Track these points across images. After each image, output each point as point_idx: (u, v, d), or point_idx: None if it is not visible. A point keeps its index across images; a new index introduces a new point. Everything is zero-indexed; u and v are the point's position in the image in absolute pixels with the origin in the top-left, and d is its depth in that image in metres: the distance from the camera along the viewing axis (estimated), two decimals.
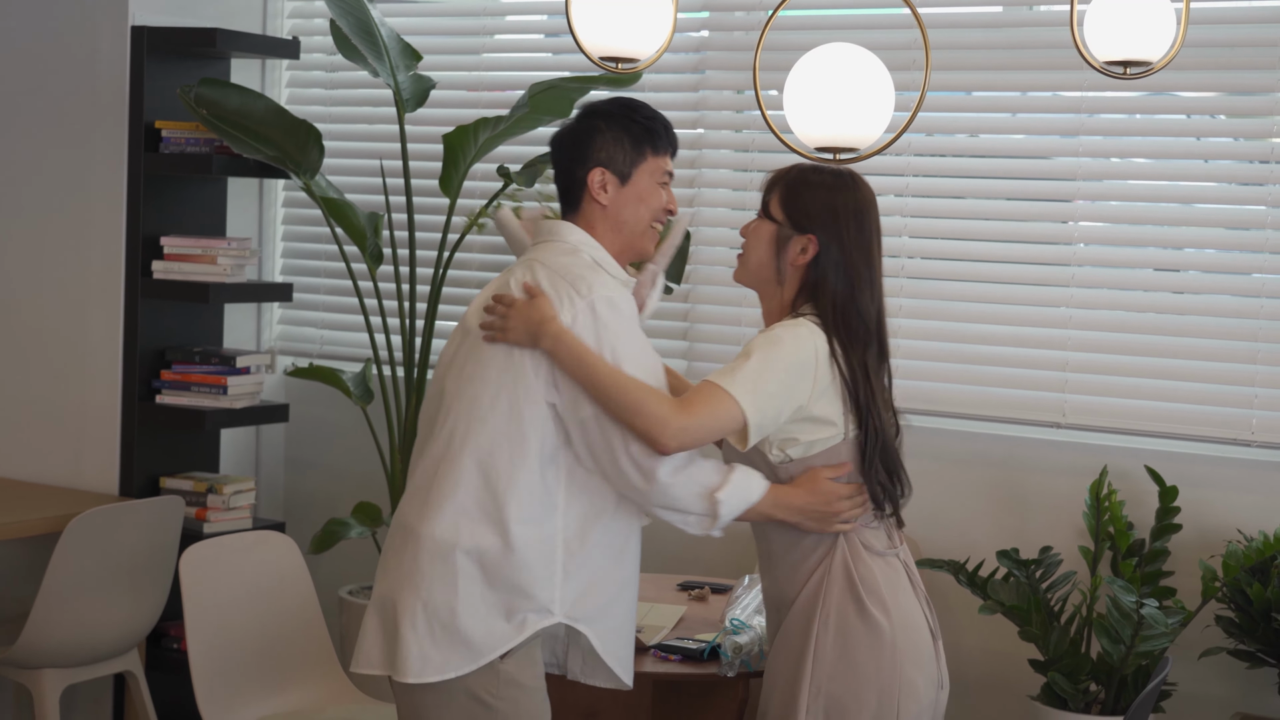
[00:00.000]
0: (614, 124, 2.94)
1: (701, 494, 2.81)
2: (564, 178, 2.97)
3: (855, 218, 2.87)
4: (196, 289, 4.80)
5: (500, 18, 5.22)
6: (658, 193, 2.96)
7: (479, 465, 2.82)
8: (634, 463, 2.78)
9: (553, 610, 2.82)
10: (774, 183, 2.94)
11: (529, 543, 2.80)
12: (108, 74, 4.86)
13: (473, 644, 2.79)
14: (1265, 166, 4.17)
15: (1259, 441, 4.14)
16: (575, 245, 2.92)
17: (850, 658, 2.80)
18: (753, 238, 2.94)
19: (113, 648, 4.37)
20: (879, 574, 2.85)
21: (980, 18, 4.53)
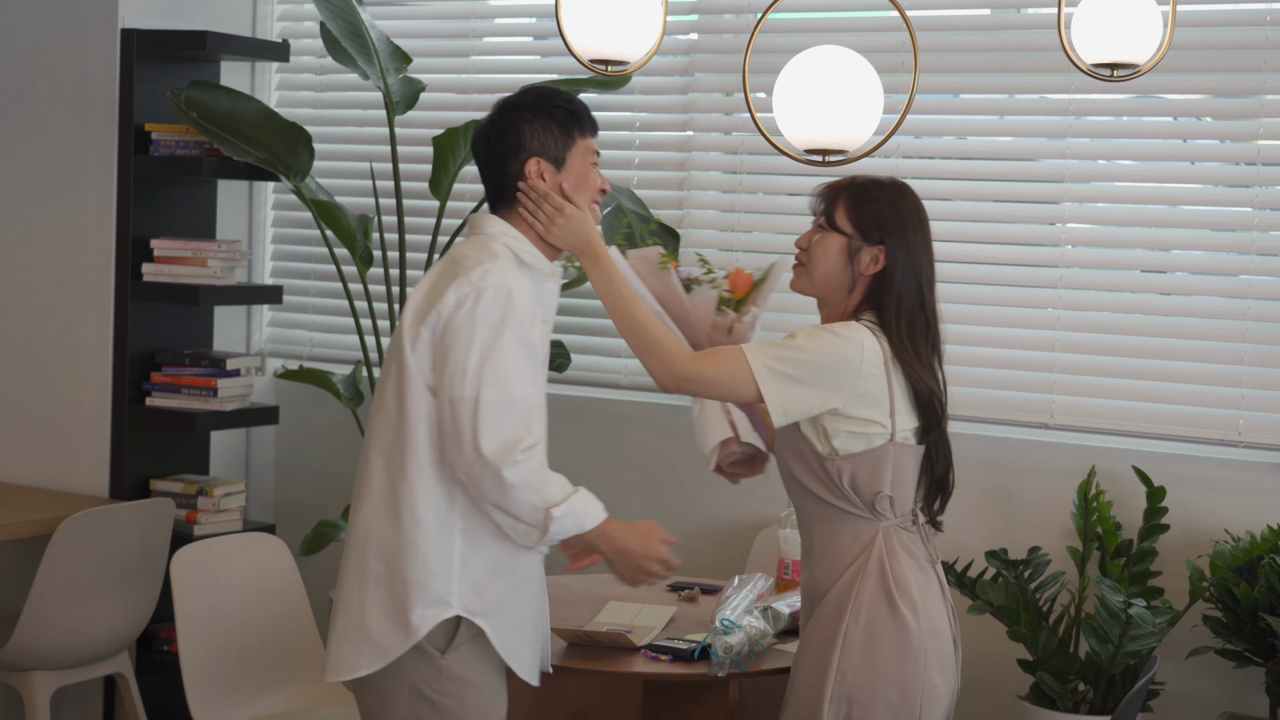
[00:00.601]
0: (539, 113, 2.97)
1: (539, 506, 2.81)
2: (495, 173, 2.99)
3: (919, 224, 3.00)
4: (186, 291, 4.81)
5: (489, 20, 5.23)
6: (591, 174, 3.01)
7: (384, 460, 2.88)
8: (480, 456, 2.77)
9: (450, 603, 2.84)
10: (835, 195, 3.01)
11: (425, 534, 2.83)
12: (97, 77, 4.86)
13: (379, 642, 2.84)
14: (1251, 168, 4.19)
15: (1246, 442, 4.15)
16: (492, 235, 2.94)
17: (876, 653, 2.89)
18: (819, 249, 2.99)
19: (103, 650, 4.37)
20: (911, 577, 2.93)
21: (968, 20, 4.54)
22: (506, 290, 2.83)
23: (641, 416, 4.84)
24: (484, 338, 2.80)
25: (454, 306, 2.82)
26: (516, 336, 2.83)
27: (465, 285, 2.83)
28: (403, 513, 2.84)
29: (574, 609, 3.70)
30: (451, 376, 2.80)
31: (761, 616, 3.49)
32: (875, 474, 2.91)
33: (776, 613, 3.55)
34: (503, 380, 2.79)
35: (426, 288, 2.91)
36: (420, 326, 2.84)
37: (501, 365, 2.80)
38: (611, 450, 4.91)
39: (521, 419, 2.81)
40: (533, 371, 2.87)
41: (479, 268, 2.84)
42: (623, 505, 4.85)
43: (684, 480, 4.79)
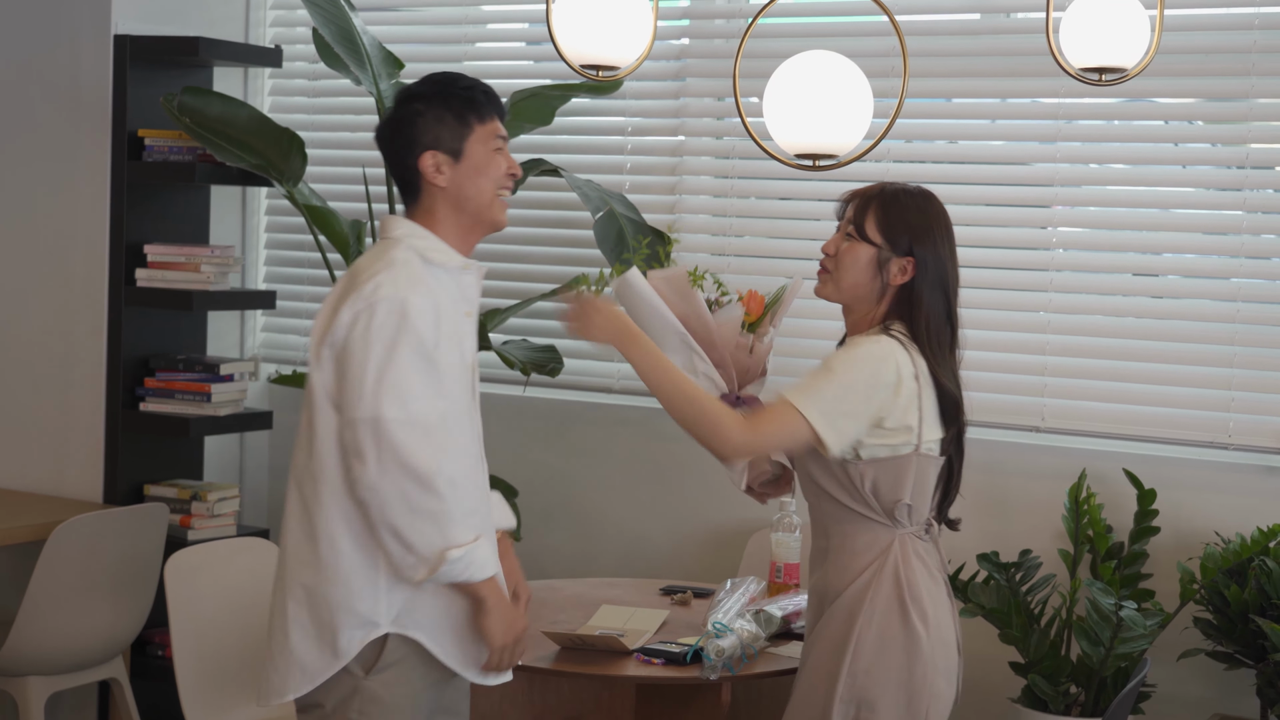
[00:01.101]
0: (433, 103, 2.89)
1: (437, 545, 2.73)
2: (397, 169, 2.92)
3: (946, 234, 3.01)
4: (180, 297, 4.81)
5: (481, 26, 5.24)
6: (495, 160, 2.90)
7: (298, 483, 2.84)
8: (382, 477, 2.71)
9: (378, 622, 2.79)
10: (865, 205, 3.00)
11: (344, 558, 2.77)
12: (90, 83, 4.87)
13: (305, 666, 2.81)
14: (1241, 172, 4.21)
15: (1236, 444, 4.17)
16: (398, 238, 2.87)
17: (887, 658, 2.91)
18: (848, 259, 2.98)
19: (97, 655, 4.37)
20: (924, 585, 2.96)
21: (958, 25, 4.56)
22: (400, 303, 2.74)
23: (634, 420, 4.85)
24: (379, 355, 2.72)
25: (349, 324, 2.75)
26: (414, 350, 2.74)
27: (359, 301, 2.75)
28: (320, 537, 2.79)
29: (566, 613, 3.71)
30: (349, 396, 2.73)
31: (754, 620, 3.50)
32: (897, 482, 2.93)
33: (769, 616, 3.56)
34: (402, 397, 2.71)
35: (330, 302, 2.84)
36: (321, 346, 2.79)
37: (399, 382, 2.72)
38: (604, 454, 4.92)
39: (423, 436, 2.73)
40: (435, 384, 2.77)
41: (371, 281, 2.76)
42: (616, 509, 4.89)
43: (677, 484, 4.80)
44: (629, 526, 4.87)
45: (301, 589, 2.82)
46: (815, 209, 4.70)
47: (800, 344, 4.59)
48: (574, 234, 4.91)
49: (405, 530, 2.73)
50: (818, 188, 4.63)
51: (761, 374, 3.26)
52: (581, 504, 4.94)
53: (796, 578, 3.86)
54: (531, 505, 4.93)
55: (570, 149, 5.01)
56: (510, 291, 5.01)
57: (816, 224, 4.71)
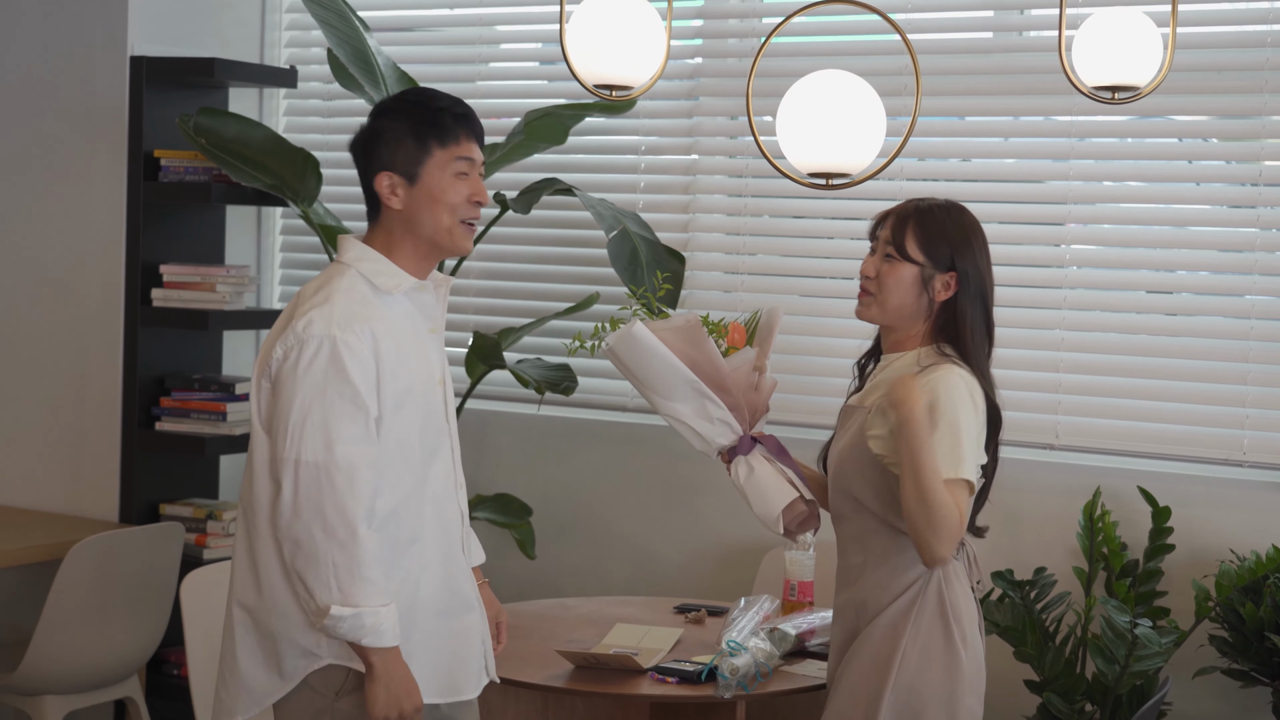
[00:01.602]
0: (398, 120, 2.81)
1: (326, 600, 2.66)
2: (363, 183, 2.88)
3: (983, 244, 3.03)
4: (196, 316, 4.83)
5: (495, 46, 5.26)
6: (455, 186, 2.81)
7: (244, 512, 2.82)
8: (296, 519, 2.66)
9: (319, 654, 2.77)
10: (901, 224, 3.00)
11: (281, 589, 2.75)
12: (107, 104, 4.90)
13: (252, 690, 2.81)
14: (1255, 189, 4.21)
15: (1250, 461, 4.16)
16: (349, 262, 2.82)
17: (930, 676, 2.94)
18: (891, 280, 2.99)
19: (113, 674, 4.38)
20: (963, 605, 2.99)
21: (971, 44, 4.57)
22: (330, 342, 2.69)
23: (648, 439, 4.86)
24: (305, 395, 2.67)
25: (280, 360, 2.72)
26: (340, 392, 2.68)
27: (290, 337, 2.71)
28: (259, 567, 2.77)
29: (580, 631, 3.71)
30: (277, 435, 2.70)
31: (768, 638, 3.50)
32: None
33: (783, 634, 3.55)
34: (325, 440, 2.67)
35: (274, 330, 2.81)
36: (261, 376, 2.77)
37: (323, 424, 2.67)
38: (618, 472, 4.92)
39: (344, 483, 2.67)
40: (363, 426, 2.71)
41: (304, 317, 2.71)
42: (630, 527, 4.89)
43: (690, 502, 4.80)
44: (642, 544, 4.87)
45: (246, 613, 2.81)
46: (829, 228, 4.71)
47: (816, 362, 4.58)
48: (588, 253, 4.92)
49: (306, 576, 2.69)
50: (832, 206, 4.64)
51: (764, 410, 3.25)
52: (595, 522, 4.95)
53: (811, 596, 3.86)
54: (545, 523, 4.93)
55: (584, 168, 5.03)
56: (524, 310, 5.02)
57: (830, 242, 4.72)
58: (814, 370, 4.59)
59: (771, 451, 3.20)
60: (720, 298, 4.77)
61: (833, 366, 4.60)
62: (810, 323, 4.66)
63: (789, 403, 4.54)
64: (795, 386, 4.59)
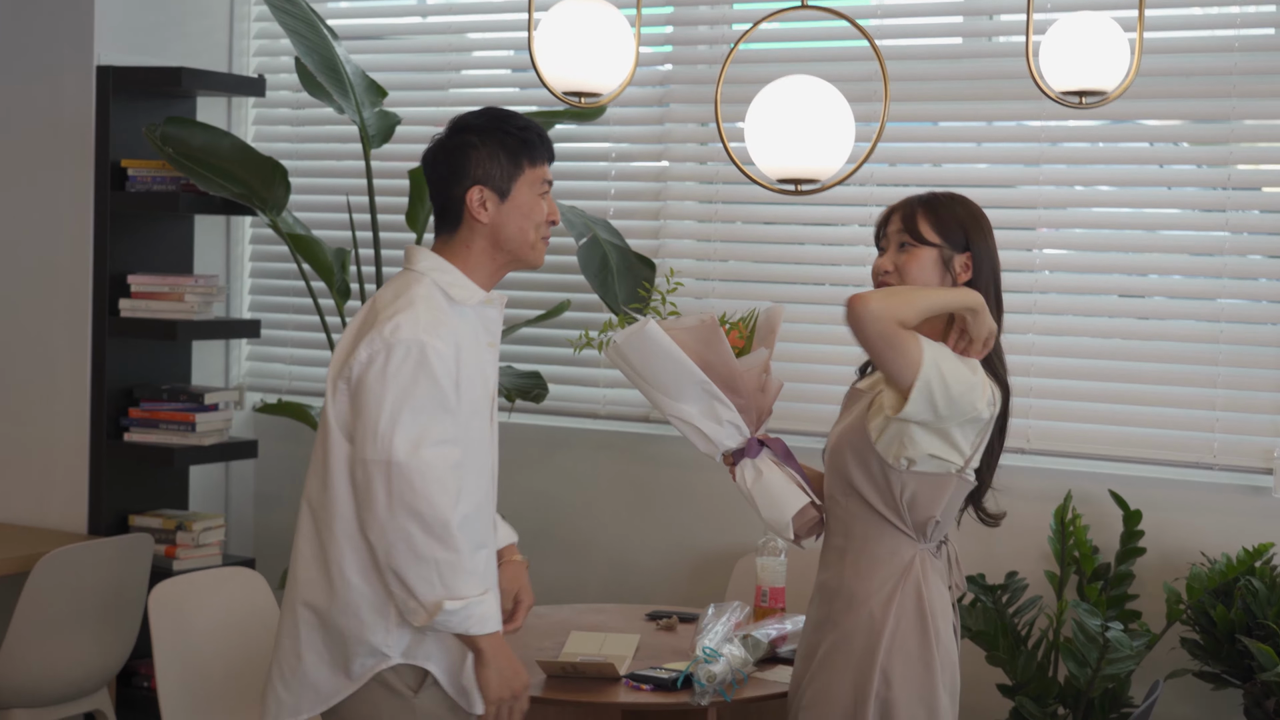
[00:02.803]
0: (488, 139, 2.89)
1: (435, 596, 2.74)
2: (440, 197, 2.93)
3: (989, 229, 3.03)
4: (164, 326, 4.81)
5: (467, 53, 5.25)
6: (539, 205, 2.92)
7: (311, 512, 2.86)
8: (392, 522, 2.72)
9: (389, 654, 2.82)
10: (910, 213, 3.00)
11: (354, 591, 2.80)
12: (73, 113, 4.87)
13: (319, 689, 2.84)
14: (1225, 193, 4.22)
15: (1221, 464, 4.18)
16: (423, 272, 2.88)
17: (908, 670, 2.94)
18: (913, 267, 2.97)
19: (82, 687, 4.35)
20: (939, 604, 2.99)
21: (941, 50, 4.58)
22: (418, 346, 2.75)
23: (619, 445, 4.85)
24: (394, 397, 2.73)
25: (365, 363, 2.76)
26: (430, 394, 2.75)
27: (376, 340, 2.76)
28: (331, 569, 2.81)
29: (551, 639, 3.69)
30: (363, 437, 2.74)
31: (742, 645, 3.49)
32: (933, 500, 2.95)
33: (756, 641, 3.55)
34: (415, 441, 2.72)
35: (350, 334, 2.85)
36: (338, 379, 2.80)
37: (413, 426, 2.73)
38: (590, 480, 4.91)
39: (435, 483, 2.74)
40: (451, 428, 2.78)
41: (391, 321, 2.77)
42: (601, 534, 4.88)
43: (662, 508, 4.79)
44: (615, 551, 4.86)
45: (313, 613, 2.84)
46: (800, 233, 4.71)
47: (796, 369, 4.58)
48: (558, 260, 4.90)
49: (408, 575, 2.75)
50: (803, 212, 4.64)
51: (768, 413, 3.24)
52: (567, 529, 4.93)
53: (782, 602, 3.86)
54: (517, 531, 4.88)
55: (554, 175, 4.95)
56: None
57: (802, 248, 4.72)
58: (785, 376, 4.57)
59: (779, 455, 3.17)
60: (691, 304, 4.76)
61: (805, 372, 4.60)
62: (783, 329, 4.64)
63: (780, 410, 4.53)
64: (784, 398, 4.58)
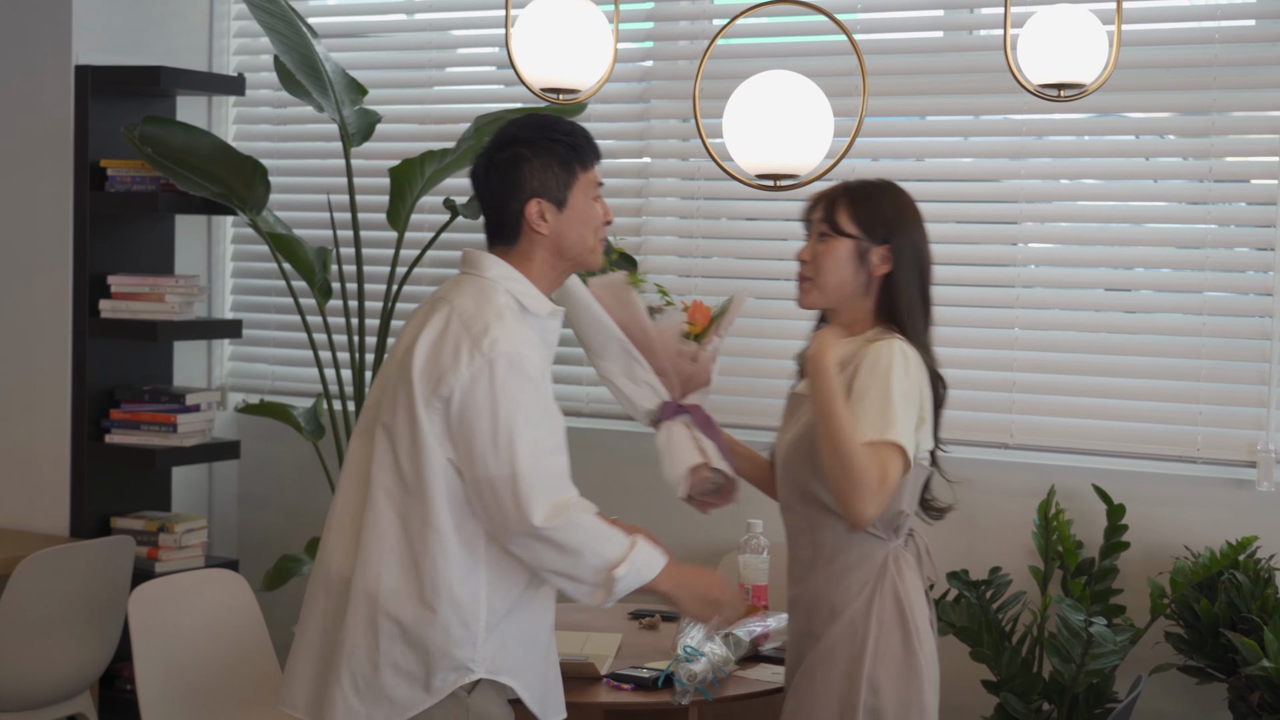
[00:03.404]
0: (538, 149, 2.87)
1: (601, 568, 2.77)
2: (495, 213, 2.90)
3: (918, 218, 3.00)
4: (145, 327, 4.79)
5: (451, 51, 5.23)
6: (594, 208, 2.92)
7: (400, 520, 2.79)
8: (534, 529, 2.72)
9: (473, 669, 2.79)
10: (832, 202, 2.98)
11: (448, 606, 2.76)
12: (52, 114, 4.85)
13: (395, 701, 2.79)
14: (1208, 185, 4.21)
15: (1204, 458, 4.17)
16: (494, 280, 2.86)
17: (892, 681, 2.90)
18: (828, 259, 2.95)
19: (65, 690, 4.34)
20: (916, 602, 2.95)
21: (922, 43, 4.56)
22: (519, 358, 2.75)
23: (602, 444, 4.83)
24: (507, 411, 2.72)
25: (469, 382, 2.73)
26: (534, 401, 2.77)
27: (478, 359, 2.73)
28: (424, 582, 2.77)
29: None
30: (483, 456, 2.73)
31: (723, 643, 3.48)
32: (897, 495, 2.91)
33: (738, 639, 3.54)
34: (533, 449, 2.74)
35: (433, 340, 2.79)
36: (433, 395, 2.75)
37: (529, 434, 2.74)
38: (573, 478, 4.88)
39: (560, 479, 2.78)
40: (558, 430, 2.83)
41: (487, 336, 2.75)
42: None
43: (645, 507, 4.77)
44: None
45: (397, 626, 2.78)
46: (782, 229, 4.69)
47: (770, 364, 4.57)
48: None
49: (571, 569, 2.77)
50: (784, 207, 4.63)
51: (706, 383, 3.20)
52: None
53: (765, 599, 3.84)
54: None
55: None
56: None
57: (784, 244, 4.70)
58: (765, 372, 4.56)
59: (697, 423, 3.16)
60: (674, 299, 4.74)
61: (785, 369, 4.57)
62: (763, 325, 4.64)
63: (741, 405, 4.53)
64: (746, 389, 4.58)
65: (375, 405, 2.87)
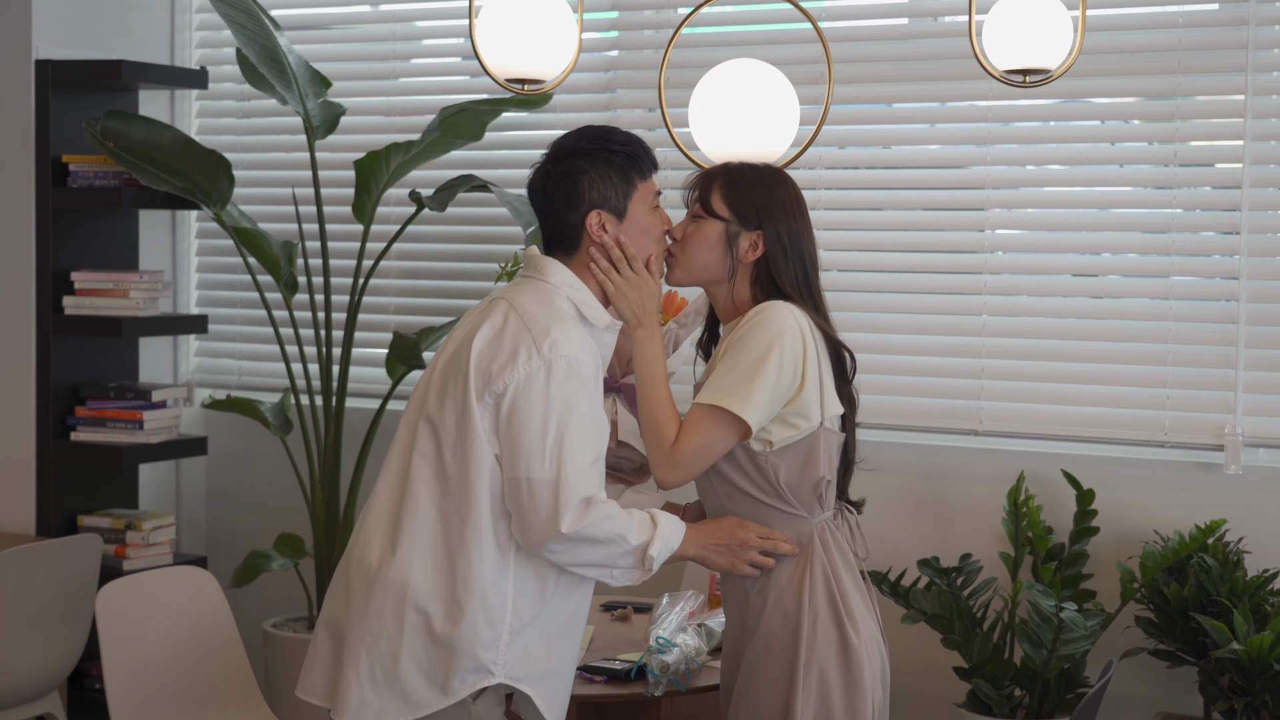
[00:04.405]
0: (596, 161, 2.84)
1: (633, 550, 2.78)
2: (554, 224, 2.87)
3: (798, 208, 2.93)
4: (109, 323, 4.76)
5: (415, 42, 5.20)
6: (655, 219, 2.90)
7: (439, 515, 2.77)
8: (565, 534, 2.71)
9: (494, 672, 2.77)
10: (709, 181, 2.94)
11: (479, 605, 2.74)
12: (12, 109, 4.81)
13: (410, 697, 2.77)
14: (1173, 170, 4.22)
15: (1172, 442, 4.18)
16: (557, 285, 2.83)
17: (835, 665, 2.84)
18: (695, 239, 2.91)
19: (33, 690, 4.30)
20: (851, 586, 2.89)
21: (887, 30, 4.55)
22: (577, 363, 2.74)
23: None
24: (559, 415, 2.71)
25: (524, 380, 2.71)
26: (588, 408, 2.75)
27: (536, 360, 2.72)
28: (458, 580, 2.75)
29: None
30: (528, 456, 2.71)
31: (696, 634, 3.48)
32: (808, 464, 2.85)
33: (710, 630, 3.53)
34: (579, 456, 2.72)
35: (491, 336, 2.77)
36: (486, 390, 2.73)
37: (577, 441, 2.72)
38: None
39: (595, 490, 2.76)
40: (603, 438, 2.81)
41: (548, 338, 2.73)
42: None
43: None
44: None
45: (424, 619, 2.76)
46: None
47: None
48: (506, 249, 4.88)
49: (606, 560, 2.77)
50: None
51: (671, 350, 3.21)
52: None
53: None
54: None
55: (502, 164, 4.98)
56: (443, 309, 4.98)
57: None
58: None
59: (627, 402, 3.16)
60: None
61: None
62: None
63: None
64: None
65: (422, 398, 2.83)
